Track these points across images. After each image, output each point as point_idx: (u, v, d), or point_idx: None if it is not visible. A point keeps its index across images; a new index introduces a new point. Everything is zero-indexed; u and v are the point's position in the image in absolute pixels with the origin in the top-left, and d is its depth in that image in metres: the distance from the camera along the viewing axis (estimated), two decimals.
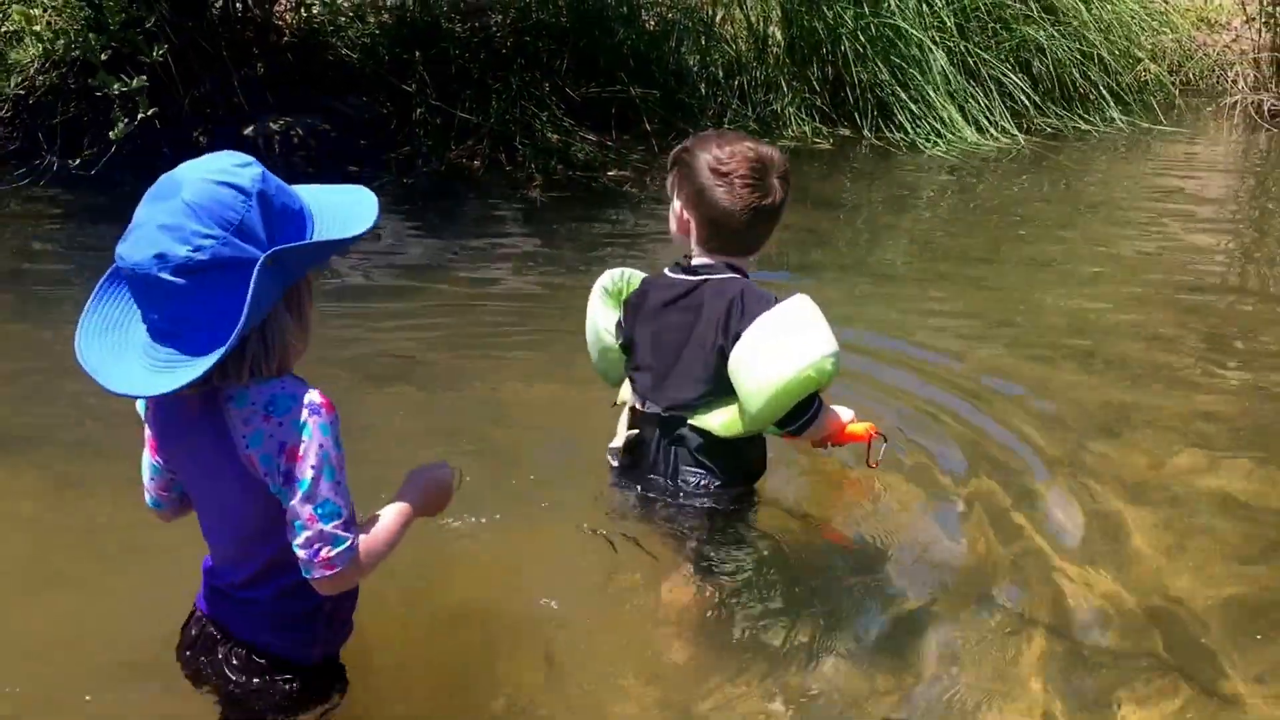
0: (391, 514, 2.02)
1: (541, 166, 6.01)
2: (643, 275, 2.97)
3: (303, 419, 1.87)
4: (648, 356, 2.82)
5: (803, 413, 2.69)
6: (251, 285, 1.78)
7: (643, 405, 2.84)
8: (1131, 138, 7.00)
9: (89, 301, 1.90)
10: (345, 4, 7.18)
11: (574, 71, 6.60)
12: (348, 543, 1.90)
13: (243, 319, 1.78)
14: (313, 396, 1.89)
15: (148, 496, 2.14)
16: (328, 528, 1.88)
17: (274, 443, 1.87)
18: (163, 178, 1.84)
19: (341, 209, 1.96)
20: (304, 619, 2.05)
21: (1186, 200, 6.10)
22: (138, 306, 1.86)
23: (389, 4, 7.07)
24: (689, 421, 2.77)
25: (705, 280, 2.74)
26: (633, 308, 2.89)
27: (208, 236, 1.78)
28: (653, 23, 6.99)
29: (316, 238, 1.90)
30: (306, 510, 1.88)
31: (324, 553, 1.89)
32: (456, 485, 2.16)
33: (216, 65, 6.10)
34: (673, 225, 2.80)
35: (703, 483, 2.80)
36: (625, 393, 2.94)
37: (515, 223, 5.43)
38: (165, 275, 1.78)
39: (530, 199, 5.73)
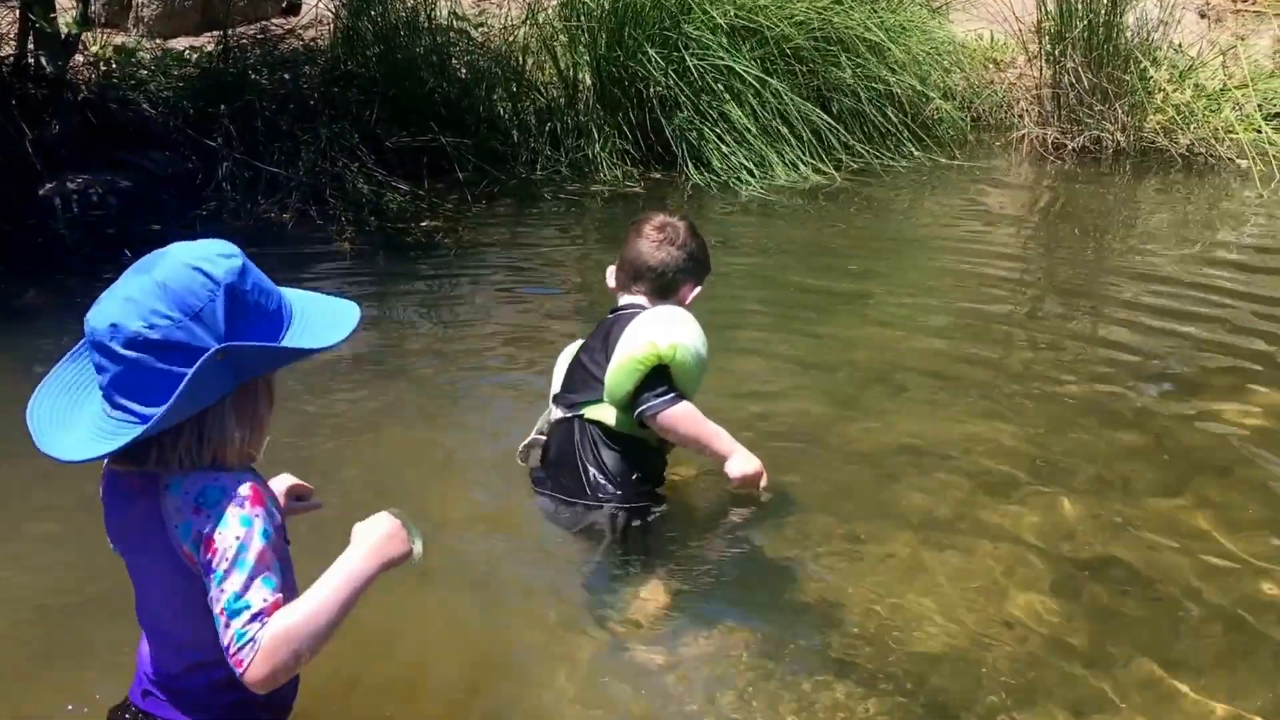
0: (321, 588, 1.90)
1: (353, 219, 5.97)
2: None
3: (224, 510, 1.86)
4: (567, 377, 3.26)
5: (648, 392, 3.00)
6: (190, 372, 1.80)
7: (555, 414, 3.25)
8: (932, 172, 7.32)
9: (63, 359, 1.95)
10: (147, 57, 7.03)
11: (385, 121, 6.60)
12: (248, 637, 1.83)
13: (168, 404, 1.80)
14: (242, 489, 1.88)
15: None
16: (233, 623, 1.83)
17: (198, 535, 1.86)
18: (152, 253, 1.90)
19: (320, 318, 1.99)
20: (236, 708, 2.00)
21: (983, 232, 6.40)
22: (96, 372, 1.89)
23: (193, 59, 6.95)
24: (586, 415, 3.12)
25: (621, 313, 3.18)
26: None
27: (165, 317, 1.82)
28: (464, 71, 7.03)
29: (286, 342, 1.92)
30: (218, 605, 1.85)
31: (232, 648, 1.84)
32: (403, 523, 2.02)
33: (8, 123, 5.87)
34: (610, 282, 3.29)
35: (609, 486, 3.11)
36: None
37: (325, 277, 5.36)
38: (115, 345, 1.82)
39: (341, 252, 5.68)
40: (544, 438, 3.30)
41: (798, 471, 3.51)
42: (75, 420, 1.90)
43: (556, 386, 3.30)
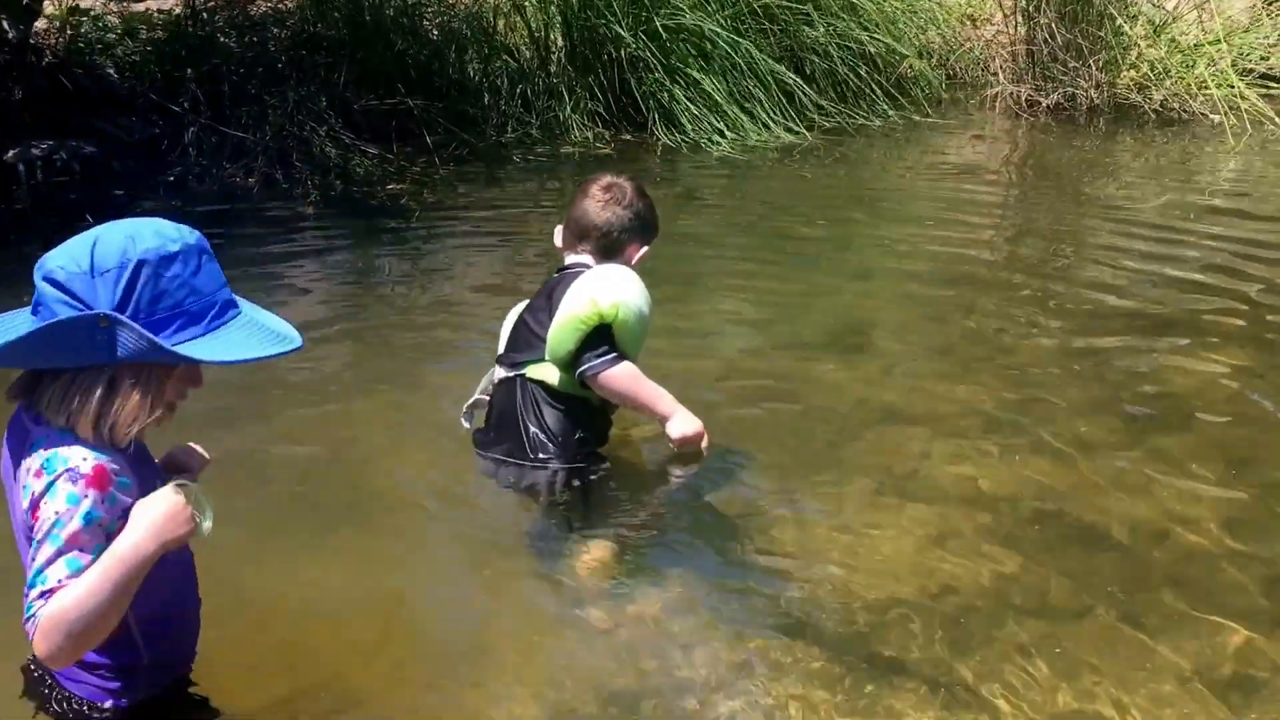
0: (93, 572, 1.86)
1: (318, 182, 5.95)
2: None
3: (56, 480, 1.86)
4: (510, 337, 3.26)
5: (589, 352, 3.00)
6: (54, 320, 1.84)
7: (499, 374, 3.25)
8: (906, 131, 7.29)
9: None
10: (114, 20, 6.98)
11: (353, 84, 6.56)
12: (32, 612, 1.86)
13: (17, 334, 1.85)
14: (80, 464, 1.88)
15: None
16: (29, 595, 1.86)
17: (32, 498, 1.88)
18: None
19: (244, 336, 1.96)
20: (89, 668, 2.03)
21: (955, 186, 6.37)
22: None
23: (160, 22, 6.89)
24: (528, 375, 3.11)
25: (566, 272, 3.16)
26: None
27: (76, 264, 1.88)
28: (435, 32, 6.98)
29: (175, 345, 1.88)
30: (29, 573, 1.87)
31: (25, 620, 1.87)
32: (190, 500, 1.93)
33: None
34: (557, 241, 3.28)
35: (549, 445, 3.11)
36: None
37: (286, 241, 5.33)
38: (37, 274, 1.90)
39: (304, 215, 5.66)
40: (487, 398, 3.30)
41: (754, 426, 3.51)
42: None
43: (501, 346, 3.30)
